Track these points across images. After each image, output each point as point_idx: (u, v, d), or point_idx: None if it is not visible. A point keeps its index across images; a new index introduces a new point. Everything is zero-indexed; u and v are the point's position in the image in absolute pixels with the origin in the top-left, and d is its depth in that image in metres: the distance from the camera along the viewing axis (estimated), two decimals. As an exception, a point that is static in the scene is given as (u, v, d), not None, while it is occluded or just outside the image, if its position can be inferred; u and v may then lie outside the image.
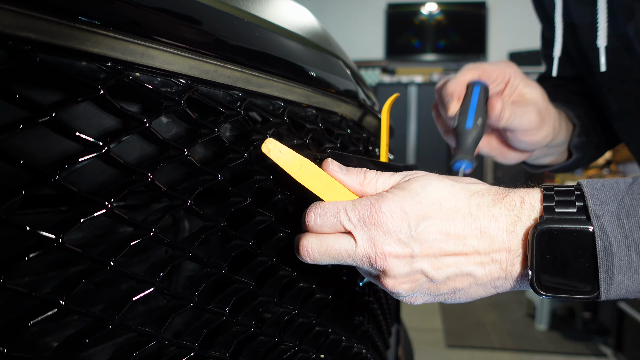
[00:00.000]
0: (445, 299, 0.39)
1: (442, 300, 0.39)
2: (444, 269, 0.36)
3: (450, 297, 0.38)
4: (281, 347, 0.43)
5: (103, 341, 0.35)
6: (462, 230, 0.35)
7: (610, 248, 0.32)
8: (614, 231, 0.32)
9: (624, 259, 0.32)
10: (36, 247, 0.24)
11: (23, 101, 0.24)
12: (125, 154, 0.33)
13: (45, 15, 0.24)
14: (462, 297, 0.38)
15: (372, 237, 0.35)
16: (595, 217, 0.33)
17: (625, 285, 0.33)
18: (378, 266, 0.36)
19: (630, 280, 0.33)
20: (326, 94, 0.51)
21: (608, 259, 0.32)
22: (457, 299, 0.38)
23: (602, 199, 0.34)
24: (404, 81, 4.83)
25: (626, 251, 0.32)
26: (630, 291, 0.33)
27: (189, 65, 0.34)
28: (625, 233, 0.32)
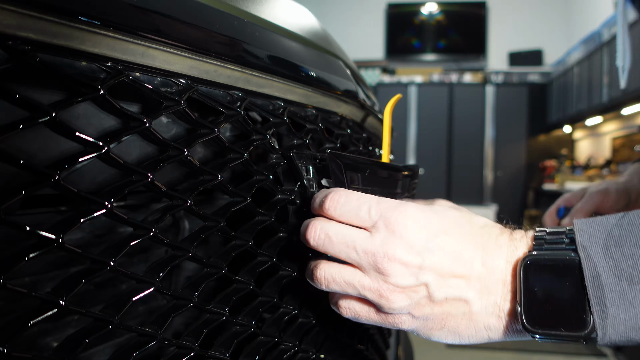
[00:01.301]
0: (432, 327, 0.37)
1: (427, 329, 0.37)
2: (445, 288, 0.35)
3: (438, 326, 0.36)
4: (281, 347, 0.43)
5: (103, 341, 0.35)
6: (472, 254, 0.36)
7: (599, 278, 0.31)
8: (602, 261, 0.32)
9: (615, 290, 0.31)
10: (36, 247, 0.24)
11: (23, 101, 0.24)
12: (125, 154, 0.33)
13: (45, 15, 0.24)
14: (450, 327, 0.36)
15: (387, 238, 0.35)
16: (581, 248, 0.33)
17: (621, 319, 0.31)
18: (380, 266, 0.34)
19: (626, 314, 0.31)
20: (326, 94, 0.51)
21: (598, 290, 0.31)
22: (444, 329, 0.36)
23: (590, 232, 0.33)
24: (404, 81, 4.83)
25: (617, 281, 0.31)
26: (630, 327, 0.31)
27: (189, 65, 0.34)
28: (614, 263, 0.31)
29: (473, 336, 0.36)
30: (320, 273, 0.37)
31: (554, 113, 4.46)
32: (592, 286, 0.31)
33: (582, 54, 3.78)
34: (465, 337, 0.36)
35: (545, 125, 4.64)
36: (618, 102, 3.24)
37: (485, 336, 0.36)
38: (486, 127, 4.64)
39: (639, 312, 0.30)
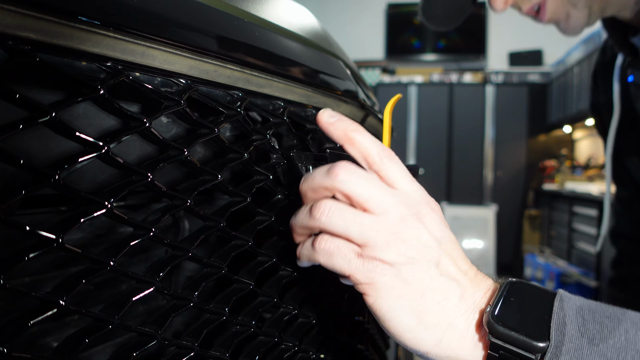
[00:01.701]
0: (404, 295, 0.34)
1: (397, 295, 0.34)
2: (450, 266, 0.36)
3: (414, 296, 0.34)
4: (281, 347, 0.43)
5: (103, 341, 0.35)
6: (468, 262, 0.38)
7: (564, 327, 0.32)
8: (572, 315, 0.33)
9: (573, 342, 0.32)
10: (36, 247, 0.24)
11: (23, 101, 0.24)
12: (125, 154, 0.33)
13: (45, 15, 0.24)
14: (422, 304, 0.34)
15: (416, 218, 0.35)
16: (559, 297, 0.35)
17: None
18: (411, 216, 0.35)
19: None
20: (326, 94, 0.51)
21: (560, 336, 0.32)
22: (414, 303, 0.34)
23: (572, 295, 0.36)
24: (404, 81, 4.83)
25: (578, 336, 0.32)
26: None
27: (189, 65, 0.34)
28: (582, 321, 0.33)
29: (430, 327, 0.34)
30: (324, 206, 0.35)
31: (554, 113, 4.46)
32: (556, 329, 0.32)
33: (582, 54, 3.78)
34: (421, 325, 0.34)
35: (545, 125, 4.64)
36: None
37: (439, 335, 0.34)
38: (486, 127, 4.63)
39: None
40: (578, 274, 2.91)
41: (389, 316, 0.34)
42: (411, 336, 0.34)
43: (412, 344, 0.34)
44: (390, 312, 0.34)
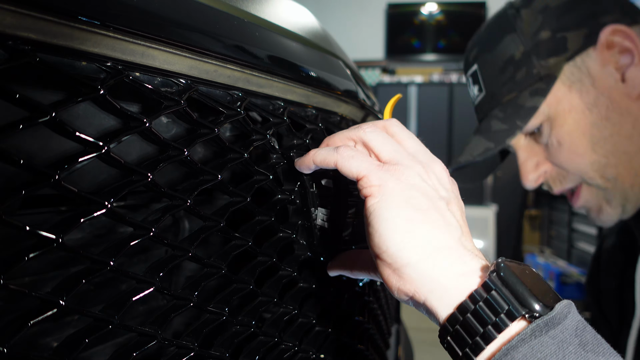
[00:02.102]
0: (414, 210, 0.33)
1: (408, 211, 0.33)
2: (454, 206, 0.36)
3: (421, 213, 0.33)
4: (281, 347, 0.43)
5: (103, 341, 0.35)
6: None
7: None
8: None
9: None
10: (36, 247, 0.24)
11: (23, 101, 0.24)
12: (125, 154, 0.33)
13: (45, 15, 0.24)
14: (429, 222, 0.33)
15: None
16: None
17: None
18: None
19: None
20: (326, 94, 0.51)
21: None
22: (422, 220, 0.33)
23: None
24: (404, 81, 4.83)
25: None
26: None
27: (189, 65, 0.34)
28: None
29: (423, 240, 0.32)
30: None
31: (554, 113, 4.46)
32: (562, 306, 0.30)
33: (582, 54, 3.77)
34: (414, 234, 0.33)
35: (545, 125, 4.64)
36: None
37: (427, 250, 0.32)
38: (486, 127, 4.63)
39: None
40: (578, 274, 2.91)
41: (385, 215, 0.33)
42: (399, 240, 0.32)
43: (396, 249, 0.32)
44: (388, 212, 0.33)
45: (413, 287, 0.32)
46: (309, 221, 0.44)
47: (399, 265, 0.33)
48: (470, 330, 0.30)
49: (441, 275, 0.32)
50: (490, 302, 0.30)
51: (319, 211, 0.44)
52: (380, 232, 0.33)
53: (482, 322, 0.30)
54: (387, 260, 0.33)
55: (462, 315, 0.31)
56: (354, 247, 0.45)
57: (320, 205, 0.44)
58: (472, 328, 0.30)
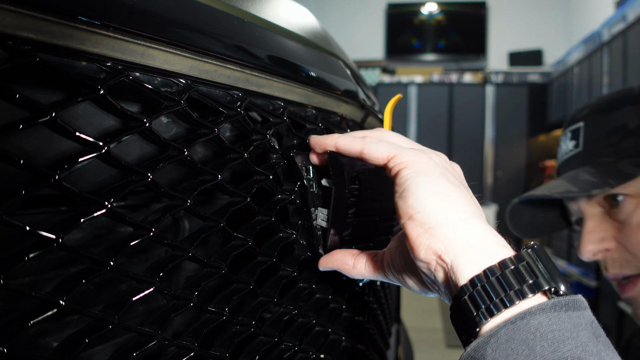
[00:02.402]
0: (444, 187, 0.34)
1: (440, 187, 0.34)
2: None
3: (450, 188, 0.34)
4: (281, 347, 0.43)
5: (103, 341, 0.35)
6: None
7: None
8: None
9: None
10: (36, 247, 0.24)
11: (23, 101, 0.24)
12: (125, 154, 0.33)
13: (45, 15, 0.24)
14: (456, 197, 0.34)
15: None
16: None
17: None
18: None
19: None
20: (326, 94, 0.51)
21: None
22: (450, 194, 0.34)
23: None
24: (404, 81, 4.84)
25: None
26: None
27: (189, 65, 0.34)
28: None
29: (449, 208, 0.33)
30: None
31: (554, 113, 4.46)
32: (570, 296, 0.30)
33: (582, 54, 3.78)
34: (444, 202, 0.34)
35: (545, 125, 4.64)
36: (618, 102, 3.23)
37: (453, 215, 0.33)
38: (486, 127, 4.64)
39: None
40: (578, 274, 2.91)
41: (423, 180, 0.34)
42: (436, 202, 0.34)
43: (433, 209, 0.33)
44: (425, 177, 0.35)
45: (444, 245, 0.32)
46: (309, 221, 0.44)
47: (434, 224, 0.33)
48: (490, 293, 0.30)
49: (475, 239, 0.32)
50: (519, 270, 0.30)
51: (319, 211, 0.44)
52: (417, 195, 0.34)
53: (506, 288, 0.30)
54: (421, 219, 0.33)
55: (486, 278, 0.31)
56: (354, 248, 0.45)
57: (320, 205, 0.44)
58: (494, 291, 0.30)
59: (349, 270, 0.43)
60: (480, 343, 0.29)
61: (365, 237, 0.46)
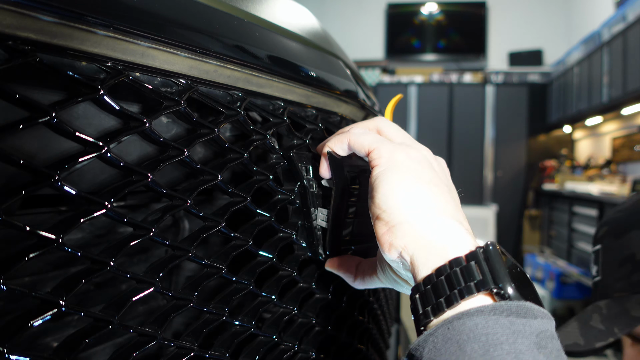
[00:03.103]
0: (416, 181, 0.35)
1: (411, 181, 0.35)
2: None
3: (423, 184, 0.35)
4: (281, 347, 0.43)
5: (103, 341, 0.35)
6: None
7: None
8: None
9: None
10: (36, 247, 0.24)
11: (23, 101, 0.24)
12: (125, 154, 0.33)
13: (45, 15, 0.24)
14: (429, 190, 0.34)
15: None
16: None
17: None
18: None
19: None
20: (326, 94, 0.51)
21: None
22: (422, 189, 0.34)
23: None
24: (404, 81, 4.83)
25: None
26: None
27: (189, 65, 0.34)
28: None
29: (419, 202, 0.34)
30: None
31: (554, 113, 4.46)
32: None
33: (582, 54, 3.78)
34: (413, 197, 0.34)
35: (545, 125, 4.64)
36: (618, 102, 3.24)
37: (422, 210, 0.33)
38: (486, 127, 4.63)
39: None
40: (578, 274, 2.91)
41: (389, 179, 0.35)
42: (399, 200, 0.34)
43: (395, 208, 0.34)
44: (392, 176, 0.35)
45: (404, 242, 0.33)
46: (309, 221, 0.44)
47: (395, 222, 0.33)
48: (437, 292, 0.30)
49: (432, 238, 0.32)
50: (467, 270, 0.30)
51: (319, 211, 0.44)
52: (382, 193, 0.35)
53: (451, 286, 0.30)
54: (385, 218, 0.34)
55: (437, 277, 0.31)
56: (354, 248, 0.45)
57: (320, 205, 0.44)
58: (441, 290, 0.30)
59: (351, 282, 0.43)
60: (420, 341, 0.29)
61: (364, 237, 0.46)
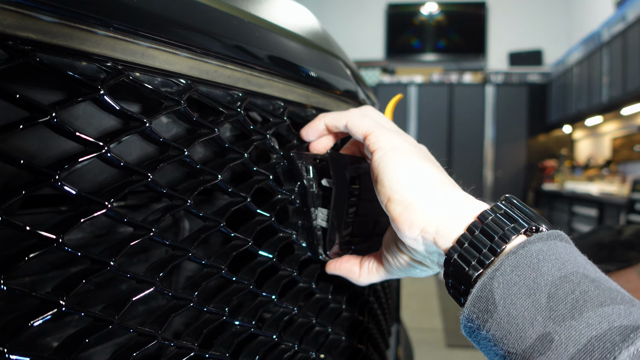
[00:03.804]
0: (415, 160, 0.36)
1: (410, 160, 0.36)
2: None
3: (420, 164, 0.36)
4: (281, 347, 0.43)
5: (103, 341, 0.35)
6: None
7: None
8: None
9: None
10: (36, 247, 0.24)
11: (23, 101, 0.24)
12: (125, 154, 0.33)
13: (45, 15, 0.24)
14: (429, 170, 0.36)
15: None
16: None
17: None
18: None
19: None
20: (326, 94, 0.51)
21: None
22: (420, 168, 0.36)
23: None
24: (403, 81, 4.84)
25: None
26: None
27: (189, 65, 0.34)
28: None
29: (421, 179, 0.35)
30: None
31: (553, 113, 4.46)
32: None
33: (582, 54, 3.78)
34: (414, 174, 0.35)
35: (545, 125, 4.64)
36: (618, 102, 3.24)
37: (427, 185, 0.35)
38: (486, 127, 4.64)
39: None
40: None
41: (396, 160, 0.36)
42: (411, 179, 0.35)
43: (409, 187, 0.35)
44: (397, 157, 0.36)
45: (426, 218, 0.34)
46: (309, 221, 0.44)
47: (412, 200, 0.34)
48: (478, 246, 0.31)
49: (450, 206, 0.34)
50: (500, 219, 0.32)
51: (319, 211, 0.44)
52: (390, 174, 0.36)
53: (490, 237, 0.31)
54: (399, 199, 0.35)
55: (471, 234, 0.32)
56: (354, 247, 0.45)
57: (320, 205, 0.44)
58: (480, 242, 0.31)
59: (356, 279, 0.43)
60: (485, 280, 0.29)
61: (364, 237, 0.46)
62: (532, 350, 0.26)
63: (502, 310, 0.28)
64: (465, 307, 0.30)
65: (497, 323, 0.28)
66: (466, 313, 0.30)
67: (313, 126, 0.43)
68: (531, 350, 0.26)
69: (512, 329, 0.27)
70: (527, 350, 0.26)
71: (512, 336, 0.27)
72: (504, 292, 0.28)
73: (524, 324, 0.27)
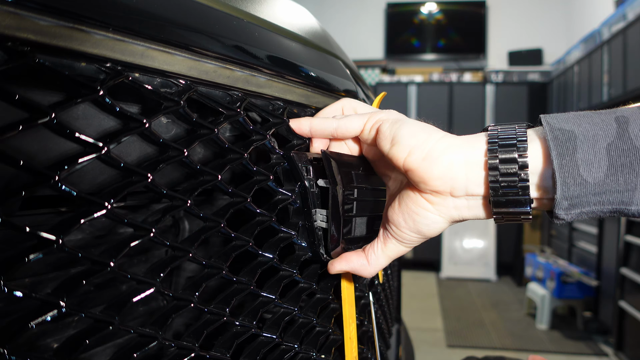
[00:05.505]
0: (422, 128, 0.40)
1: (418, 127, 0.40)
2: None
3: (427, 130, 0.40)
4: (282, 347, 0.43)
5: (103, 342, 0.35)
6: None
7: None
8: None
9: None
10: (36, 248, 0.24)
11: (22, 102, 0.24)
12: (125, 154, 0.33)
13: (44, 16, 0.24)
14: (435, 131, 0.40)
15: None
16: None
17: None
18: None
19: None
20: (326, 94, 0.51)
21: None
22: (428, 129, 0.40)
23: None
24: (403, 81, 4.83)
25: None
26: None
27: (189, 65, 0.34)
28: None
29: (434, 135, 0.39)
30: None
31: (554, 112, 4.46)
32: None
33: (582, 53, 3.77)
34: (427, 133, 0.39)
35: (545, 124, 4.63)
36: (618, 101, 3.24)
37: (439, 139, 0.39)
38: (486, 127, 4.63)
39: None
40: (579, 273, 2.91)
41: (406, 124, 0.39)
42: (427, 135, 0.39)
43: (428, 143, 0.38)
44: (406, 122, 0.40)
45: (449, 158, 0.37)
46: (309, 221, 0.44)
47: (429, 147, 0.38)
48: (509, 142, 0.37)
49: (462, 139, 0.39)
50: (500, 125, 0.40)
51: (318, 212, 0.44)
52: (408, 134, 0.38)
53: (511, 132, 0.38)
54: (420, 155, 0.38)
55: (493, 144, 0.37)
56: (354, 247, 0.45)
57: (320, 205, 0.44)
58: (506, 145, 0.37)
59: (365, 269, 0.43)
60: (545, 129, 0.38)
61: (363, 235, 0.46)
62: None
63: (578, 131, 0.36)
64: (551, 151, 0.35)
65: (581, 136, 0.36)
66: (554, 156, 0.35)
67: (300, 128, 0.45)
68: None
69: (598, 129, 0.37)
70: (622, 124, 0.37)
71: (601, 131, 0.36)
72: (564, 123, 0.38)
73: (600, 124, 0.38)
